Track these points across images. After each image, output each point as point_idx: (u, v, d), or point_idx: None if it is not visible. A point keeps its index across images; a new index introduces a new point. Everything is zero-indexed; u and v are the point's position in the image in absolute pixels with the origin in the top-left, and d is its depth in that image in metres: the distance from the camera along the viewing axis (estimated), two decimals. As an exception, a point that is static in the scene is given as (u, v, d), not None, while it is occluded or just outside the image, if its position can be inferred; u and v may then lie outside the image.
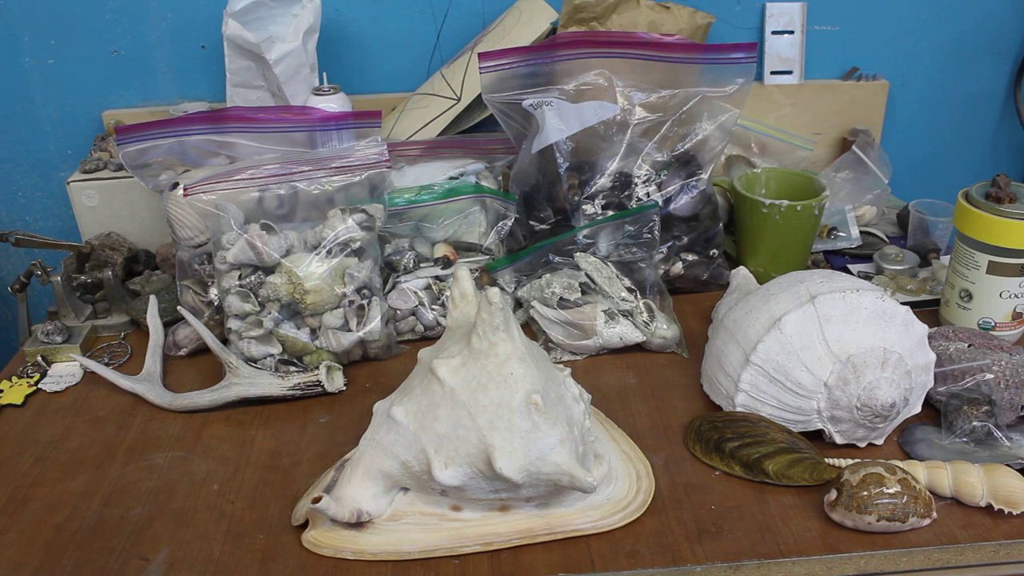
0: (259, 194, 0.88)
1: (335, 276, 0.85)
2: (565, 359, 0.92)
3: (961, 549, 0.66)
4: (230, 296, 0.85)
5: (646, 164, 1.01)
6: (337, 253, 0.86)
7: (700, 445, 0.76)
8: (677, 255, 1.02)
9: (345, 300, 0.86)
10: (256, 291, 0.85)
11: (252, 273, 0.85)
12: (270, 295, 0.84)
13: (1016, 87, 1.36)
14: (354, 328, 0.88)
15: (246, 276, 0.85)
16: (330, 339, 0.87)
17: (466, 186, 0.99)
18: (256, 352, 0.86)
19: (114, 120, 1.20)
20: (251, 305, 0.85)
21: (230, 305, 0.85)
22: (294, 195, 0.89)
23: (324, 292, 0.84)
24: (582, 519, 0.68)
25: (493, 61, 0.99)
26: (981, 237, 0.86)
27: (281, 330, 0.86)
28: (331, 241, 0.86)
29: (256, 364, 0.87)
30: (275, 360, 0.87)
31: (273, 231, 0.85)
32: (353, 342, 0.87)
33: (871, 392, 0.73)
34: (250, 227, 0.85)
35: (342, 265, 0.86)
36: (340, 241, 0.86)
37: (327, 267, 0.85)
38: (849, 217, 1.13)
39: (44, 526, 0.71)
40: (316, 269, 0.85)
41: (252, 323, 0.85)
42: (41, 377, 0.90)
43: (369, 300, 0.88)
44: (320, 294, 0.84)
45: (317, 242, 0.86)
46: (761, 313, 0.78)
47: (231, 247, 0.84)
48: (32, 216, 1.30)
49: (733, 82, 1.00)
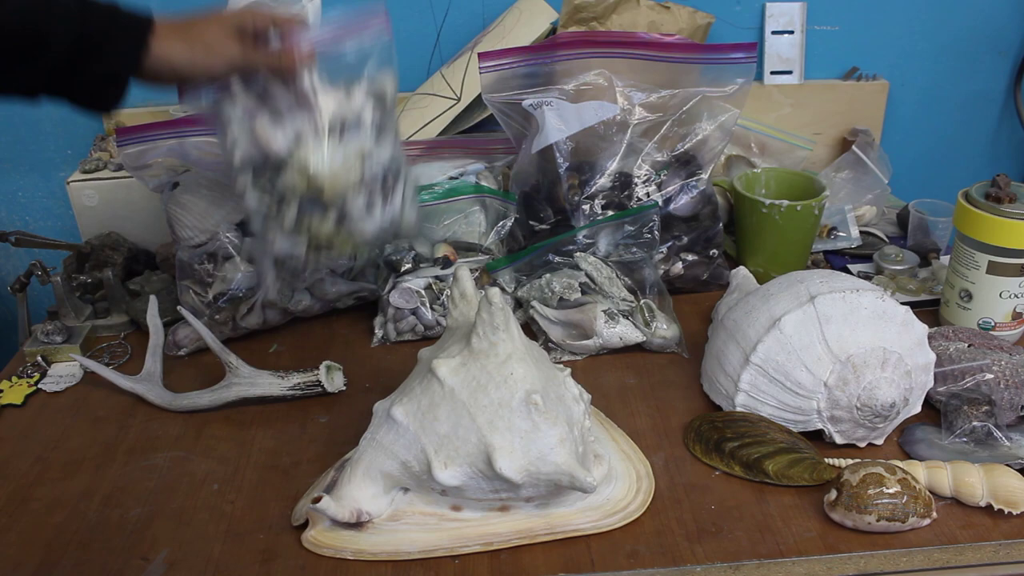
0: None
1: (351, 161, 0.76)
2: (565, 359, 0.92)
3: (961, 549, 0.66)
4: (247, 194, 0.77)
5: (646, 164, 1.01)
6: (352, 135, 0.76)
7: (700, 445, 0.76)
8: (677, 255, 1.02)
9: (365, 185, 0.77)
10: (273, 186, 0.76)
11: (263, 167, 0.76)
12: (287, 187, 0.76)
13: (1016, 87, 1.36)
14: (380, 212, 0.79)
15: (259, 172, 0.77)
16: (355, 226, 0.78)
17: (466, 186, 0.99)
18: (282, 247, 0.78)
19: (114, 120, 1.20)
20: (270, 199, 0.77)
21: (248, 204, 0.78)
22: None
23: (340, 180, 0.76)
24: (582, 519, 0.68)
25: (493, 61, 0.99)
26: (981, 237, 0.86)
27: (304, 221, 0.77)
28: (338, 121, 0.76)
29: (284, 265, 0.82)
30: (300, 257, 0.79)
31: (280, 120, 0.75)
32: (380, 227, 0.79)
33: (871, 392, 0.73)
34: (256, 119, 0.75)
35: (358, 149, 0.76)
36: (350, 121, 0.76)
37: (340, 154, 0.75)
38: (849, 217, 1.13)
39: (44, 526, 0.70)
40: (328, 157, 0.75)
41: (273, 219, 0.78)
42: (41, 377, 0.90)
43: (393, 181, 0.80)
44: (336, 183, 0.76)
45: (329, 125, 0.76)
46: (761, 313, 0.78)
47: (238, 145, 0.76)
48: (32, 216, 1.30)
49: (733, 82, 1.00)
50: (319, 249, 0.79)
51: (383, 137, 0.79)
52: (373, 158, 0.77)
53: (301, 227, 0.77)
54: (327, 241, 0.79)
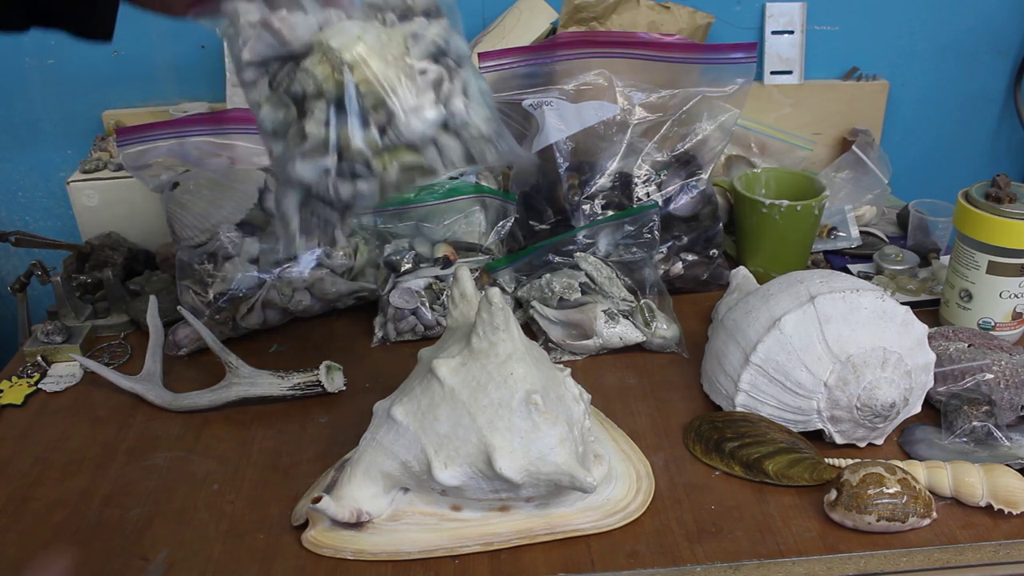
0: None
1: (394, 41, 0.59)
2: (565, 359, 0.92)
3: (961, 549, 0.66)
4: (262, 110, 0.61)
5: (646, 164, 1.01)
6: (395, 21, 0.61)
7: (700, 445, 0.76)
8: (677, 255, 1.02)
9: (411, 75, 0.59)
10: (290, 90, 0.59)
11: (280, 68, 0.60)
12: (308, 88, 0.58)
13: (1016, 87, 1.36)
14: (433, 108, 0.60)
15: (275, 74, 0.60)
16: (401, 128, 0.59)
17: (466, 186, 0.99)
18: (308, 173, 0.59)
19: (114, 120, 1.20)
20: (287, 111, 0.59)
21: (263, 120, 0.60)
22: None
23: (376, 63, 0.58)
24: (582, 519, 0.68)
25: (493, 61, 0.99)
26: (981, 237, 0.86)
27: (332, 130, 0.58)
28: None
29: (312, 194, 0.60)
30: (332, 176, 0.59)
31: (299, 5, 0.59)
32: (433, 125, 0.60)
33: (871, 392, 0.73)
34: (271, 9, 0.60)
35: (402, 31, 0.60)
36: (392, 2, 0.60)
37: (377, 33, 0.59)
38: (849, 217, 1.13)
39: (44, 526, 0.71)
40: (363, 36, 0.58)
41: (295, 135, 0.60)
42: (41, 377, 0.90)
43: (451, 70, 0.61)
44: (370, 65, 0.58)
45: None
46: (761, 313, 0.78)
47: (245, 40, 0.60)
48: (32, 216, 1.30)
49: (733, 82, 1.00)
50: (354, 176, 0.59)
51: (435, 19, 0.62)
52: (424, 39, 0.60)
53: (328, 139, 0.59)
54: (363, 158, 0.59)
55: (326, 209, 0.61)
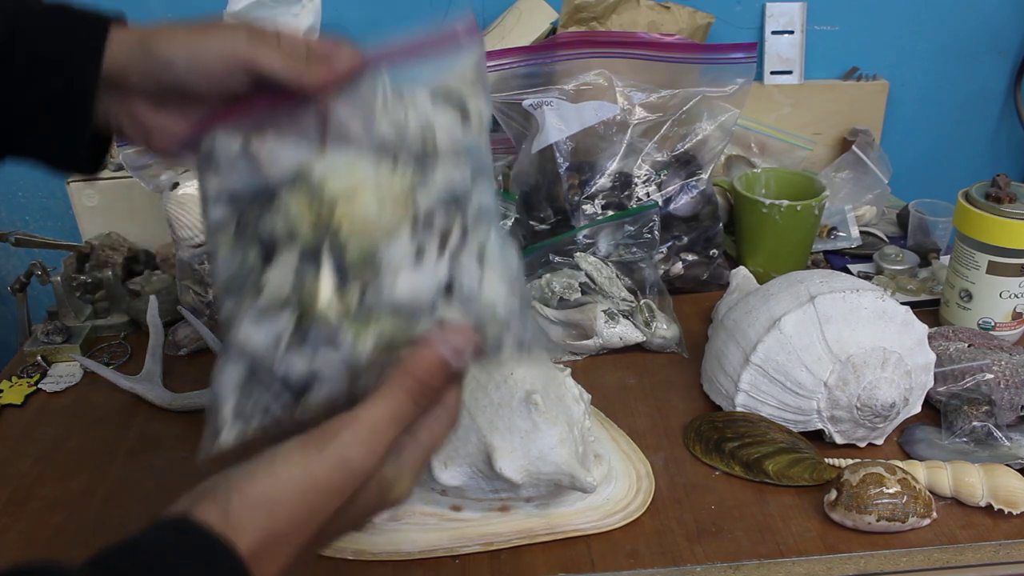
0: None
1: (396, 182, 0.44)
2: (565, 359, 0.92)
3: (961, 549, 0.66)
4: (219, 256, 0.46)
5: (646, 164, 1.01)
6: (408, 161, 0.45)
7: (700, 445, 0.76)
8: (677, 255, 1.02)
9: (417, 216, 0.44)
10: (256, 229, 0.45)
11: (252, 205, 0.45)
12: (277, 227, 0.44)
13: (1016, 87, 1.36)
14: (432, 267, 0.44)
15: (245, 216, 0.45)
16: (386, 290, 0.43)
17: (466, 186, 0.99)
18: (257, 338, 0.44)
19: (114, 120, 1.20)
20: (247, 256, 0.45)
21: (218, 270, 0.47)
22: None
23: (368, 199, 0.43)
24: (582, 519, 0.68)
25: (493, 61, 0.99)
26: (981, 237, 0.86)
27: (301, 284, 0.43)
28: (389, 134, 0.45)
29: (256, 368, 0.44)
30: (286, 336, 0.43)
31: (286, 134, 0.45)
32: (429, 289, 0.44)
33: (871, 392, 0.73)
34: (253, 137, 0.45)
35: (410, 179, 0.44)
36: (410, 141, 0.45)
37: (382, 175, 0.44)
38: (849, 217, 1.13)
39: (44, 526, 0.70)
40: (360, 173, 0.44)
41: (252, 287, 0.44)
42: (41, 377, 0.90)
43: (467, 223, 0.46)
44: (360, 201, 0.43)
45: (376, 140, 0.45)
46: (761, 313, 0.78)
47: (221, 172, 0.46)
48: (32, 216, 1.30)
49: (733, 82, 1.00)
50: (315, 343, 0.43)
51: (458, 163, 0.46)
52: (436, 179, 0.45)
53: (290, 296, 0.43)
54: (329, 325, 0.43)
55: (268, 394, 0.44)
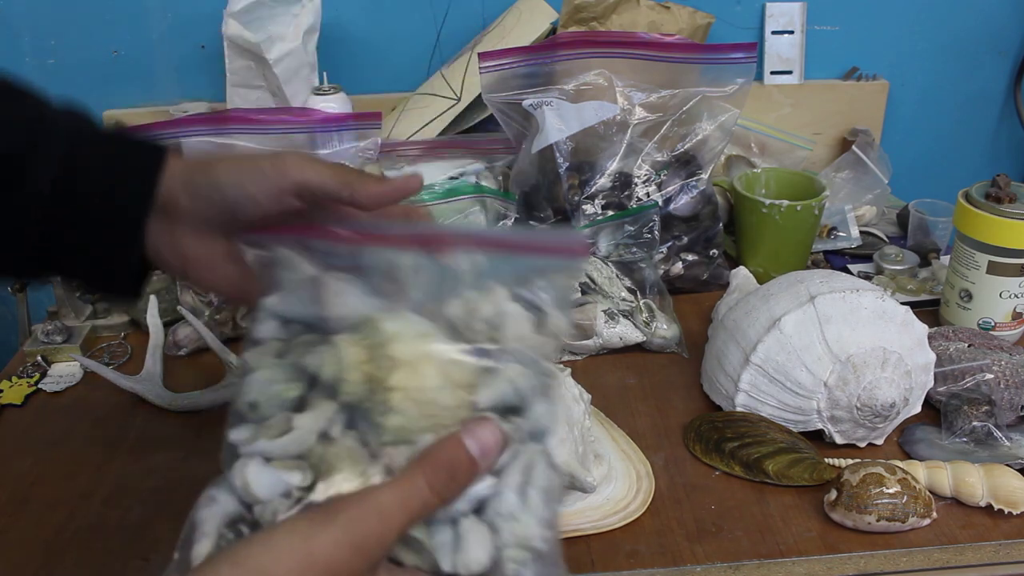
0: None
1: (461, 369, 0.42)
2: (565, 359, 0.92)
3: (961, 549, 0.66)
4: (254, 375, 0.45)
5: (646, 164, 1.01)
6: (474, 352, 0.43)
7: (700, 445, 0.76)
8: (677, 255, 1.02)
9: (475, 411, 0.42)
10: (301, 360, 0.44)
11: (302, 335, 0.45)
12: (324, 371, 0.42)
13: (1016, 87, 1.36)
14: None
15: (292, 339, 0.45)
16: None
17: (466, 186, 0.99)
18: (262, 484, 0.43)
19: (114, 120, 1.19)
20: (287, 387, 0.43)
21: (247, 387, 0.45)
22: None
23: (432, 374, 0.41)
24: (582, 519, 0.68)
25: (493, 61, 0.99)
26: (981, 237, 0.86)
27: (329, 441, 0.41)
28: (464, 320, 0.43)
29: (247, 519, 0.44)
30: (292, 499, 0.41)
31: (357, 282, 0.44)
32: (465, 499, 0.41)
33: (871, 392, 0.73)
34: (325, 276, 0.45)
35: (477, 367, 0.42)
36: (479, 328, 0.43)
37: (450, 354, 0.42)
38: (849, 217, 1.13)
39: (44, 526, 0.70)
40: (429, 337, 0.42)
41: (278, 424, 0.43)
42: (41, 377, 0.90)
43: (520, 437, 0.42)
44: (423, 374, 0.41)
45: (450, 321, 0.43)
46: (761, 313, 0.78)
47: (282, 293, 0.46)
48: (32, 216, 1.30)
49: (733, 82, 1.00)
50: None
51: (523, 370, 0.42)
52: (501, 379, 0.42)
53: (311, 453, 0.41)
54: None
55: None
